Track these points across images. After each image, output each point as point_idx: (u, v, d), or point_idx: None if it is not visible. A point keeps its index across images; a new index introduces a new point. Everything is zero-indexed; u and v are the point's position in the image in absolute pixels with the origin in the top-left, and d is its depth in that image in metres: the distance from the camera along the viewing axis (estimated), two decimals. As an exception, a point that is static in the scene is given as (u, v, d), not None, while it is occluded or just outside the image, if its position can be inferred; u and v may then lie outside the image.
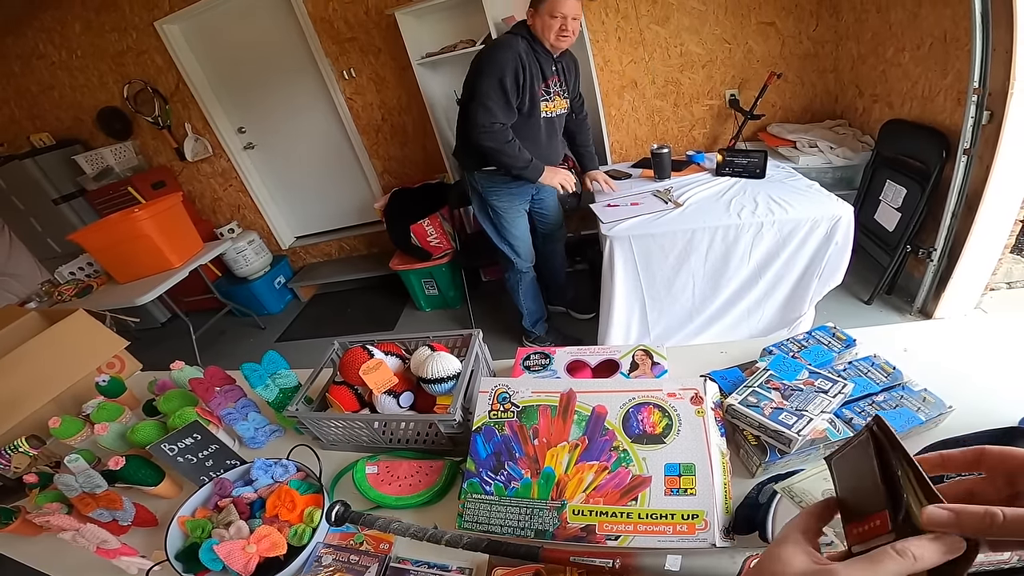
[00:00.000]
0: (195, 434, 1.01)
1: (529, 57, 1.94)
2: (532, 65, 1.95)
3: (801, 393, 0.78)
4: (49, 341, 1.51)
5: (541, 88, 2.02)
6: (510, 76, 1.90)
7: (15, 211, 4.00)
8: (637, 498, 0.70)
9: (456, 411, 0.88)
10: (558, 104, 2.12)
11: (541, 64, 1.99)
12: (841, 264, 1.90)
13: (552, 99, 2.08)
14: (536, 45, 1.97)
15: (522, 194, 2.30)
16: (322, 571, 0.79)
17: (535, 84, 1.98)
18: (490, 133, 1.97)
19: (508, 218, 2.31)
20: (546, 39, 1.94)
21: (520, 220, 2.36)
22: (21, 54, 3.75)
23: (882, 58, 2.40)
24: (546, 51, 1.99)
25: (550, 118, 2.11)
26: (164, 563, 0.85)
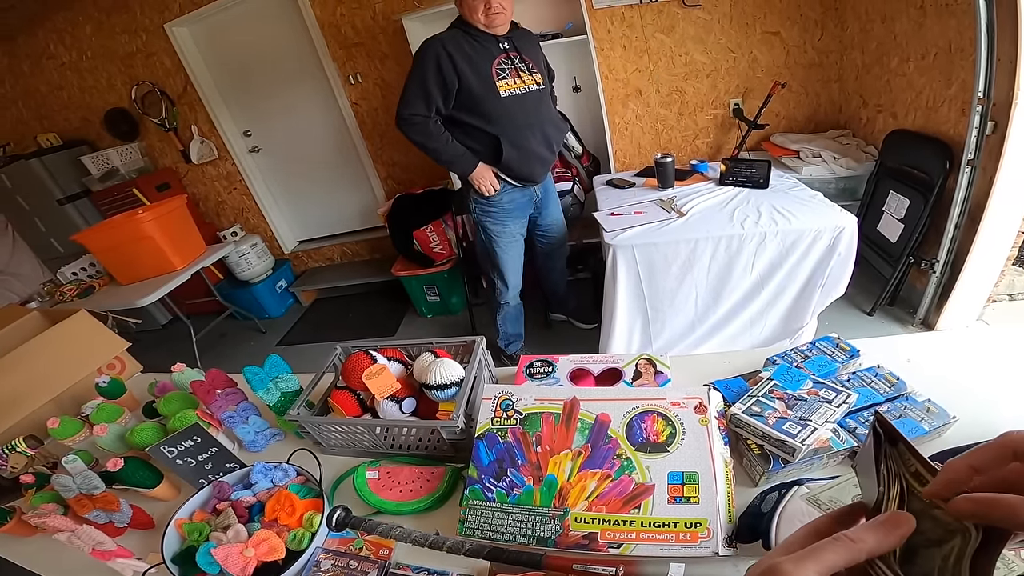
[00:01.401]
0: (195, 437, 1.00)
1: (461, 45, 1.90)
2: (468, 50, 1.91)
3: (805, 403, 0.77)
4: (50, 341, 1.51)
5: (492, 69, 1.96)
6: (431, 69, 1.89)
7: (19, 211, 4.00)
8: (640, 506, 0.70)
9: (459, 417, 0.88)
10: (525, 80, 2.03)
11: (482, 47, 1.95)
12: (844, 275, 1.90)
13: (510, 77, 1.99)
14: (471, 30, 1.94)
15: (517, 217, 2.27)
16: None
17: (478, 67, 1.93)
18: (409, 124, 1.97)
19: (501, 243, 2.28)
20: (476, 21, 1.92)
21: (513, 247, 2.32)
22: (31, 54, 3.77)
23: (886, 68, 2.41)
24: (485, 34, 1.95)
25: (518, 95, 2.01)
26: (160, 566, 0.84)
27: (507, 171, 2.10)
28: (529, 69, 2.05)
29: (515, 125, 2.03)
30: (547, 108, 2.15)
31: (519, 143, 2.05)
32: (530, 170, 2.14)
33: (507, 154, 2.03)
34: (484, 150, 2.06)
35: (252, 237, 3.96)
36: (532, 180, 2.20)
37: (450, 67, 1.88)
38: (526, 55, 2.05)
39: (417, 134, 1.99)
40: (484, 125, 2.01)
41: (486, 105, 1.97)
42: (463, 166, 2.07)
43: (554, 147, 2.22)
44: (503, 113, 2.00)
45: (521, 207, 2.25)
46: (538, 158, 2.14)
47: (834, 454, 0.75)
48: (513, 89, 2.00)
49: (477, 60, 1.92)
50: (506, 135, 2.01)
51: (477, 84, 1.93)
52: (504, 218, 2.23)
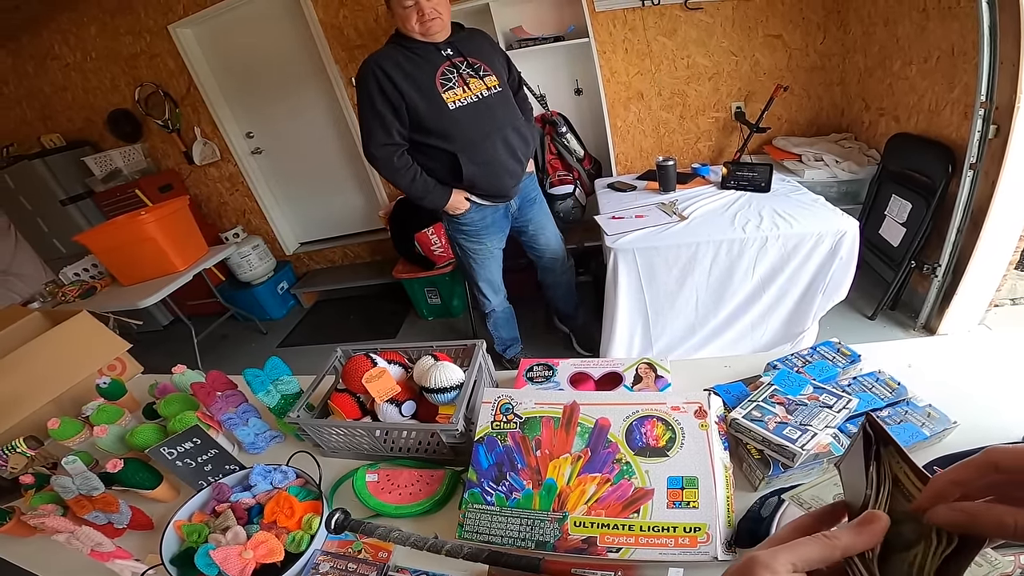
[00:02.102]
0: (195, 438, 1.01)
1: (397, 60, 1.77)
2: (405, 65, 1.77)
3: (805, 408, 0.77)
4: (51, 342, 1.51)
5: (435, 81, 1.81)
6: (375, 93, 1.77)
7: (22, 211, 4.02)
8: (639, 510, 0.70)
9: (459, 421, 0.88)
10: (475, 87, 1.87)
11: (421, 58, 1.80)
12: (845, 279, 1.90)
13: (457, 86, 1.84)
14: (408, 42, 1.81)
15: (493, 234, 2.15)
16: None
17: (419, 81, 1.78)
18: (374, 159, 1.87)
19: (478, 260, 2.19)
20: (412, 31, 1.78)
21: (491, 262, 2.22)
22: (36, 54, 3.77)
23: (889, 71, 2.41)
24: (423, 44, 1.81)
25: (469, 104, 1.85)
26: (158, 567, 0.85)
27: (472, 189, 1.98)
28: (479, 73, 1.90)
29: (471, 139, 1.88)
30: (507, 113, 1.97)
31: (479, 158, 1.91)
32: (498, 185, 2.01)
33: (467, 171, 1.90)
34: (444, 168, 1.93)
35: (254, 239, 3.96)
36: (502, 195, 2.06)
37: (391, 87, 1.76)
38: (474, 57, 1.90)
39: (385, 169, 1.89)
40: (439, 143, 1.87)
41: (436, 121, 1.83)
42: (435, 199, 1.96)
43: (520, 156, 2.03)
44: (455, 127, 1.86)
45: (496, 223, 2.14)
46: (505, 170, 1.99)
47: (835, 459, 0.75)
48: (463, 99, 1.85)
49: (417, 74, 1.79)
50: (464, 151, 1.88)
51: (421, 100, 1.79)
52: (479, 236, 2.13)
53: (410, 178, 1.90)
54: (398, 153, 1.87)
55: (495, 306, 2.37)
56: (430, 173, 1.94)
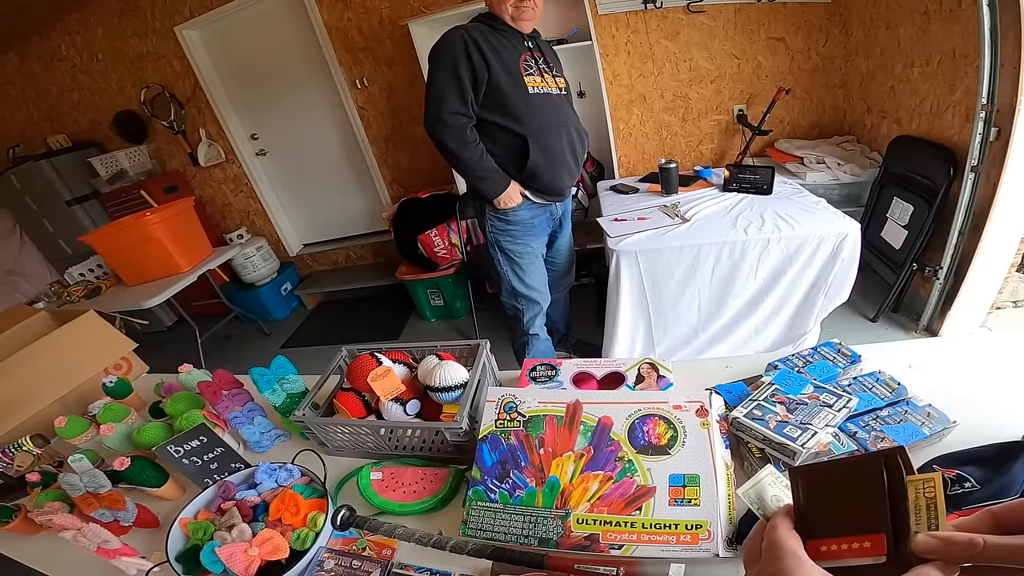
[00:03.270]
0: (201, 436, 1.01)
1: (487, 36, 1.75)
2: (494, 42, 1.76)
3: (806, 407, 0.78)
4: (58, 341, 1.52)
5: (520, 64, 1.81)
6: (462, 60, 1.71)
7: (28, 211, 4.05)
8: (641, 508, 0.71)
9: (463, 419, 0.89)
10: (549, 82, 1.89)
11: (508, 41, 1.80)
12: (847, 281, 1.90)
13: (536, 74, 1.85)
14: (497, 23, 1.81)
15: (539, 235, 2.09)
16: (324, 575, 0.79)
17: (505, 60, 1.77)
18: (445, 126, 1.76)
19: (524, 263, 2.07)
20: (504, 13, 1.78)
21: (537, 265, 2.13)
22: (43, 56, 3.80)
23: (891, 74, 2.42)
24: (511, 30, 1.82)
25: (546, 94, 1.87)
26: (164, 564, 0.85)
27: (531, 179, 1.91)
28: (553, 72, 1.93)
29: (543, 125, 1.86)
30: (572, 115, 2.00)
31: (547, 145, 1.87)
32: (558, 179, 1.96)
33: (534, 157, 1.85)
34: (508, 154, 1.87)
35: (258, 240, 3.99)
36: (558, 192, 2.01)
37: (479, 57, 1.72)
38: (549, 58, 1.95)
39: (453, 139, 1.78)
40: (511, 124, 1.83)
41: (514, 101, 1.80)
42: (493, 185, 1.87)
43: (579, 157, 2.03)
44: (531, 111, 1.83)
45: (542, 225, 2.08)
46: (565, 166, 1.96)
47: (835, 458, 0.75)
48: (540, 87, 1.86)
49: (504, 53, 1.77)
50: (534, 136, 1.84)
51: (505, 78, 1.77)
52: (526, 236, 2.04)
53: (478, 154, 1.82)
54: (471, 126, 1.80)
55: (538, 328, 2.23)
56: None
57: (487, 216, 2.02)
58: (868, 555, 0.38)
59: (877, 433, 0.77)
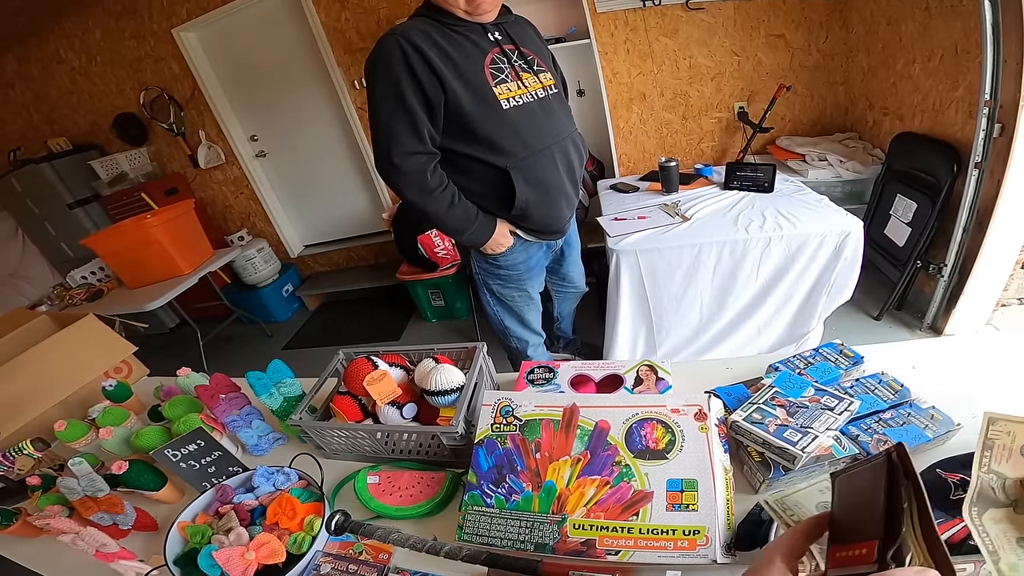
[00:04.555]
0: (199, 440, 1.01)
1: (433, 39, 1.31)
2: (445, 46, 1.32)
3: (806, 410, 0.77)
4: (58, 345, 1.52)
5: (485, 70, 1.37)
6: (404, 79, 1.28)
7: (30, 214, 4.05)
8: (638, 513, 0.70)
9: (459, 423, 0.88)
10: (530, 84, 1.45)
11: (465, 39, 1.36)
12: (850, 280, 1.89)
13: (510, 80, 1.41)
14: (446, 17, 1.36)
15: (535, 276, 1.75)
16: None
17: (463, 69, 1.33)
18: (399, 173, 1.35)
19: (517, 307, 1.80)
20: (456, 6, 1.34)
21: (532, 308, 1.85)
22: (42, 58, 3.80)
23: (892, 70, 2.40)
24: (465, 22, 1.37)
25: (524, 105, 1.41)
26: (162, 568, 0.85)
27: (522, 219, 1.53)
28: (533, 68, 1.47)
29: (528, 150, 1.43)
30: (566, 121, 1.56)
31: (536, 176, 1.46)
32: (554, 214, 1.57)
33: (521, 195, 1.44)
34: (488, 191, 1.46)
35: (259, 241, 3.98)
36: (556, 230, 1.65)
37: (426, 71, 1.28)
38: (526, 48, 1.48)
39: (412, 188, 1.38)
40: (484, 154, 1.41)
41: (484, 124, 1.37)
42: (475, 236, 1.49)
43: (578, 175, 1.61)
44: (509, 134, 1.40)
45: (539, 264, 1.74)
46: (563, 195, 1.55)
47: (836, 462, 0.74)
48: (517, 96, 1.40)
49: (460, 59, 1.33)
50: (518, 167, 1.42)
51: (467, 95, 1.33)
52: (520, 281, 1.71)
53: (447, 202, 1.41)
54: (431, 166, 1.38)
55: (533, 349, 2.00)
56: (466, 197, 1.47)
57: (471, 256, 1.69)
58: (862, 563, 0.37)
59: (880, 436, 0.76)
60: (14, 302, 4.00)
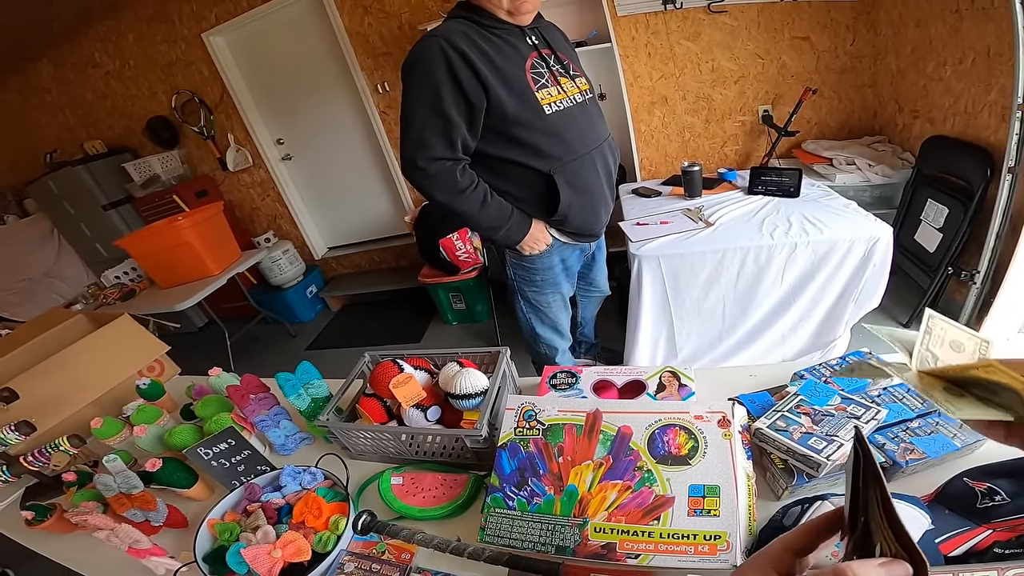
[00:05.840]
0: (230, 439, 1.03)
1: (475, 42, 1.29)
2: (487, 49, 1.30)
3: (832, 419, 0.77)
4: (94, 344, 1.57)
5: (527, 75, 1.35)
6: (444, 83, 1.27)
7: (65, 215, 4.19)
8: (659, 518, 0.70)
9: (483, 427, 0.89)
10: (568, 89, 1.44)
11: (506, 42, 1.35)
12: (879, 287, 1.86)
13: (551, 85, 1.40)
14: (485, 19, 1.34)
15: (568, 279, 1.75)
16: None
17: (507, 73, 1.31)
18: (425, 175, 1.34)
19: (552, 311, 1.80)
20: (496, 5, 1.32)
21: (564, 312, 1.85)
22: (77, 62, 3.92)
23: (923, 73, 2.35)
24: (506, 25, 1.36)
25: (565, 110, 1.41)
26: (191, 564, 0.87)
27: (561, 223, 1.52)
28: (570, 72, 1.47)
29: (571, 155, 1.43)
30: (602, 126, 1.56)
31: (579, 182, 1.46)
32: (593, 219, 1.58)
33: (564, 199, 1.43)
34: (530, 196, 1.46)
35: (284, 243, 4.06)
36: (594, 233, 1.66)
37: (469, 75, 1.27)
38: (561, 52, 1.47)
39: (440, 189, 1.36)
40: (528, 159, 1.39)
41: (527, 129, 1.36)
42: (510, 233, 1.47)
43: (614, 179, 1.63)
44: (552, 139, 1.39)
45: (573, 266, 1.75)
46: (602, 199, 1.56)
47: (860, 469, 0.74)
48: (558, 101, 1.40)
49: (503, 63, 1.31)
50: (562, 172, 1.41)
51: (511, 100, 1.32)
52: (555, 284, 1.71)
53: (479, 200, 1.40)
54: (460, 167, 1.37)
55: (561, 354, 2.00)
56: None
57: (508, 260, 1.69)
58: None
59: (906, 445, 0.76)
60: (49, 301, 4.13)
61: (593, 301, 2.23)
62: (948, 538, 0.61)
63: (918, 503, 0.66)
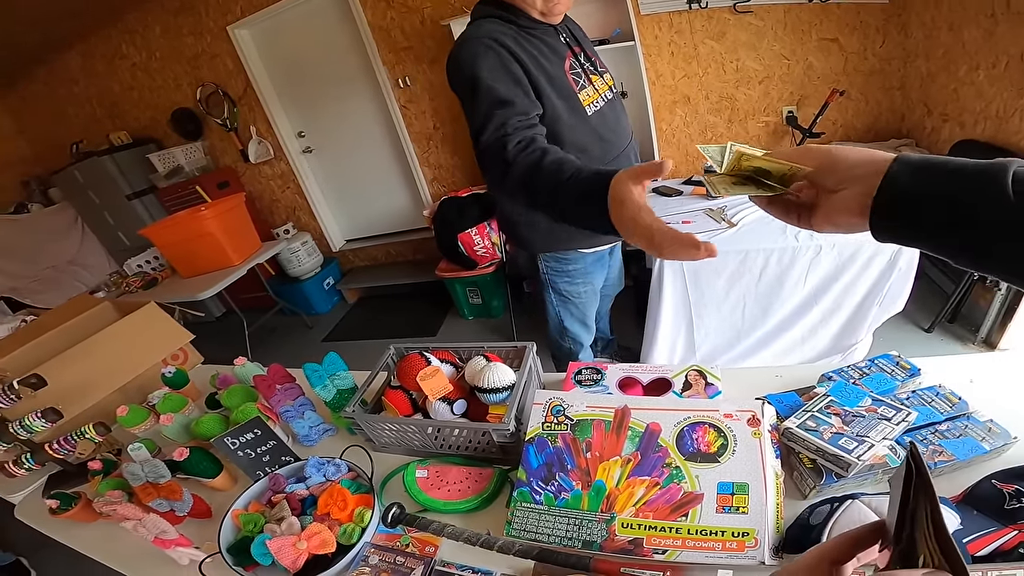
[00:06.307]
0: (256, 429, 1.04)
1: (519, 42, 1.23)
2: (531, 49, 1.24)
3: (863, 420, 0.76)
4: (121, 331, 1.57)
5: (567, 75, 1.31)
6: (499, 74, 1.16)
7: (90, 204, 4.27)
8: (687, 514, 0.70)
9: (511, 421, 0.89)
10: (599, 87, 1.41)
11: (544, 43, 1.29)
12: (903, 290, 1.83)
13: (587, 85, 1.37)
14: (523, 21, 1.27)
15: (599, 271, 1.75)
16: (368, 571, 0.81)
17: (552, 75, 1.27)
18: (511, 160, 0.99)
19: (582, 303, 1.80)
20: (532, 6, 1.26)
21: (593, 304, 1.85)
22: (105, 54, 3.98)
23: (954, 76, 2.31)
24: (542, 24, 1.31)
25: (602, 110, 1.39)
26: (215, 555, 0.87)
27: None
28: (598, 69, 1.45)
29: (611, 152, 1.42)
30: (627, 125, 1.54)
31: None
32: None
33: None
34: None
35: (303, 235, 4.10)
36: None
37: (519, 70, 1.19)
38: (588, 50, 1.46)
39: (521, 167, 0.96)
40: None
41: (574, 131, 1.31)
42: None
43: None
44: (594, 138, 1.37)
45: (603, 257, 1.75)
46: None
47: (889, 470, 0.74)
48: (594, 101, 1.37)
49: (548, 66, 1.26)
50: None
51: (560, 103, 1.27)
52: (587, 275, 1.72)
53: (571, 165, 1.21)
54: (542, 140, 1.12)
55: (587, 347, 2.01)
56: None
57: (539, 258, 1.69)
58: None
59: (935, 447, 0.75)
60: (72, 289, 4.20)
61: (608, 296, 2.22)
62: (976, 538, 0.62)
63: (948, 503, 0.67)
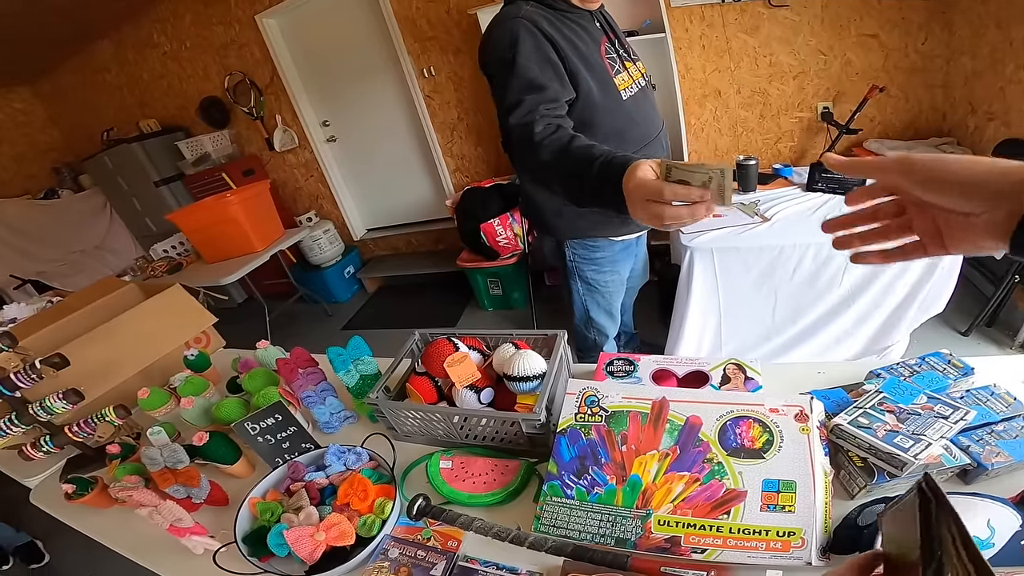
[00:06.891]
0: (277, 415, 1.00)
1: (556, 25, 1.21)
2: (568, 33, 1.22)
3: (919, 417, 0.72)
4: (145, 313, 1.56)
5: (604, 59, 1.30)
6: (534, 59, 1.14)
7: (119, 190, 4.33)
8: (729, 512, 0.67)
9: (541, 411, 0.86)
10: (633, 73, 1.39)
11: (580, 26, 1.28)
12: (944, 292, 1.77)
13: (622, 71, 1.35)
14: (560, 4, 1.25)
15: (626, 259, 1.71)
16: (388, 564, 0.78)
17: (588, 58, 1.24)
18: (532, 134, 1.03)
19: (609, 292, 1.75)
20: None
21: (622, 290, 1.80)
22: (136, 43, 4.03)
23: (1001, 75, 2.22)
24: (576, 8, 1.29)
25: (636, 95, 1.37)
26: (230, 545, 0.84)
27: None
28: (631, 55, 1.43)
29: (646, 138, 1.41)
30: (658, 113, 1.53)
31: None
32: None
33: None
34: None
35: (325, 223, 4.11)
36: None
37: (555, 55, 1.17)
38: (621, 37, 1.43)
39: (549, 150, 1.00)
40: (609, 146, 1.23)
41: (610, 116, 1.29)
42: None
43: None
44: (630, 124, 1.35)
45: (631, 246, 1.71)
46: None
47: (943, 470, 0.70)
48: (629, 87, 1.35)
49: (585, 50, 1.24)
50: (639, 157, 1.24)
51: (596, 87, 1.25)
52: (614, 263, 1.68)
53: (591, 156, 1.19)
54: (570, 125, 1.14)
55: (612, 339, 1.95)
56: None
57: (566, 245, 1.66)
58: None
59: (992, 448, 0.71)
60: (99, 273, 4.27)
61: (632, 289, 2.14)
62: (1037, 538, 0.59)
63: (1007, 504, 0.63)
